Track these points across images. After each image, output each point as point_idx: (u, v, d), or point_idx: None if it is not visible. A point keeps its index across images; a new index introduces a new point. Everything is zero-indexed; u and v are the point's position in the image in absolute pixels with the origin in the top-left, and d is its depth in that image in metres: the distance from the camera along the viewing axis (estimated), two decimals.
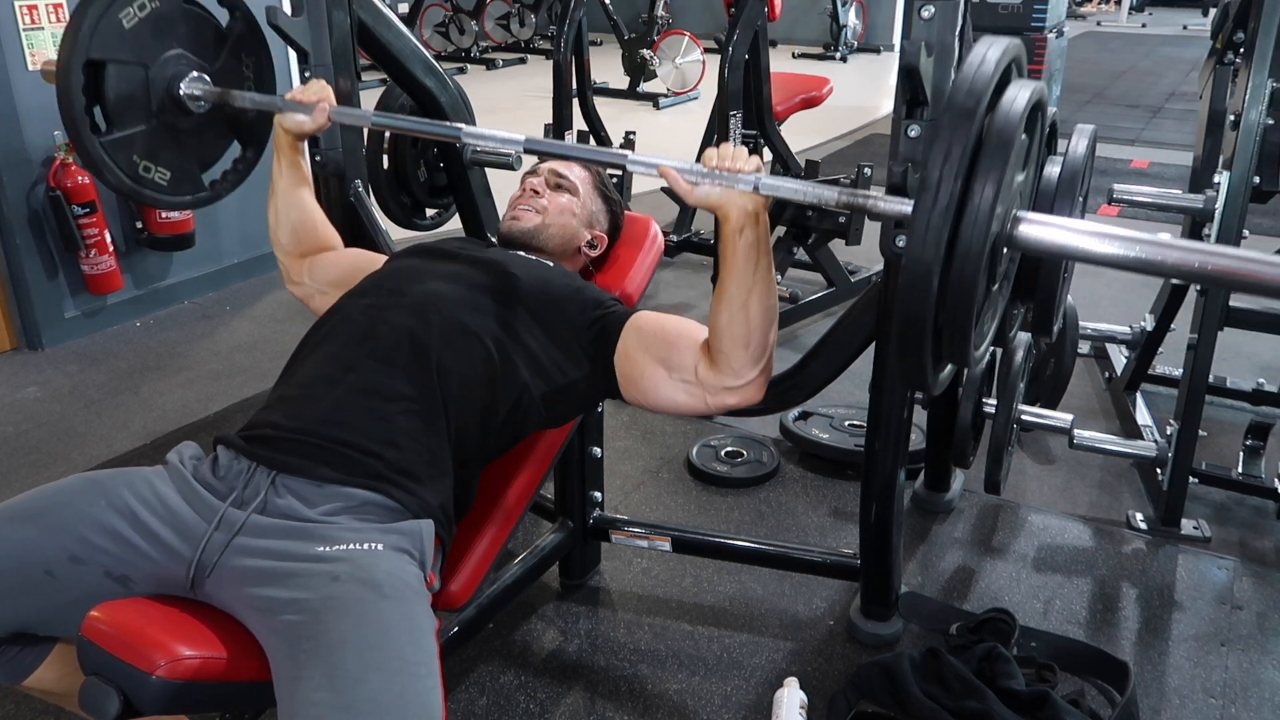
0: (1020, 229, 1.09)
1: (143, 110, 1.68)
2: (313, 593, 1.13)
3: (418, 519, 1.28)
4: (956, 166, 1.01)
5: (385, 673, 1.06)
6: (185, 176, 1.79)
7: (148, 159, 1.70)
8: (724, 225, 1.29)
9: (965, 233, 1.01)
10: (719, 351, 1.34)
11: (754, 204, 1.26)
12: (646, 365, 1.41)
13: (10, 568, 1.16)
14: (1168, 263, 1.03)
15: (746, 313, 1.30)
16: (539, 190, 1.69)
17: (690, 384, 1.37)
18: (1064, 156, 1.65)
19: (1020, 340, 2.20)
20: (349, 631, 1.09)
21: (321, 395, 1.33)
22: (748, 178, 1.24)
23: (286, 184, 1.67)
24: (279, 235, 1.70)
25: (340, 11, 1.85)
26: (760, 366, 1.34)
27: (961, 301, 1.05)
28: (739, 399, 1.36)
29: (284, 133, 1.64)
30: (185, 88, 1.70)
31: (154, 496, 1.24)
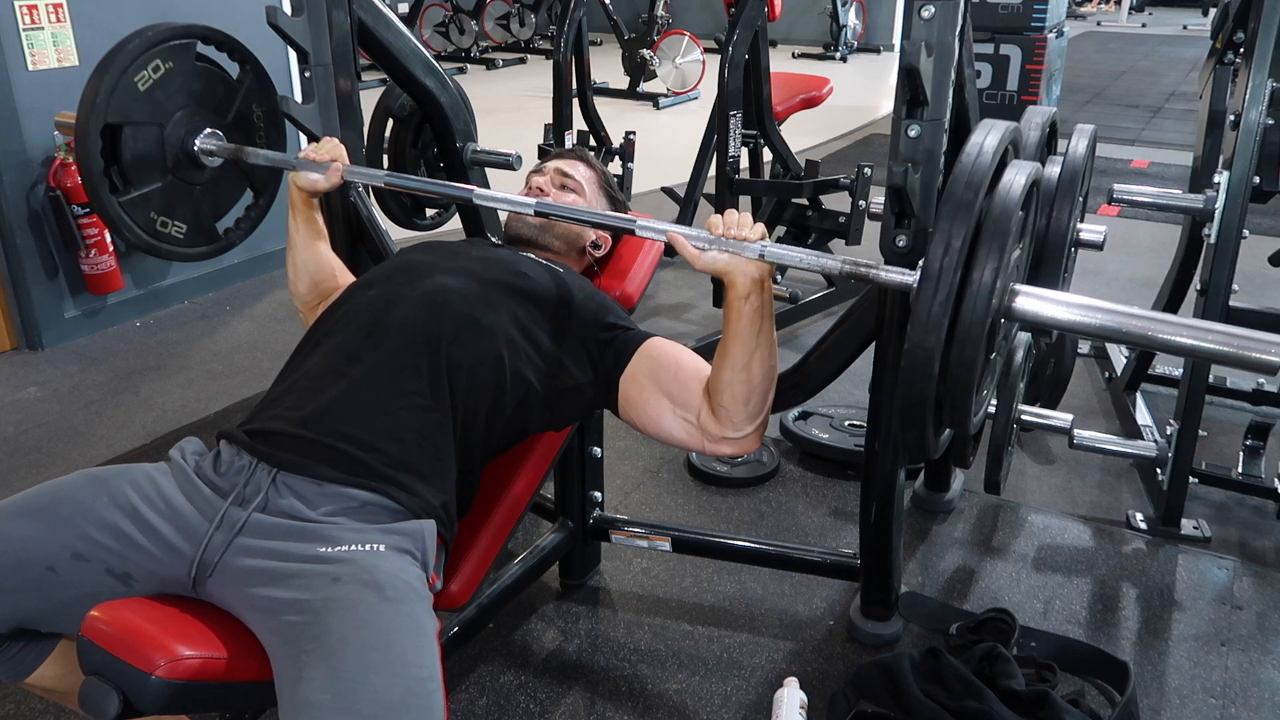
0: (1018, 302, 1.14)
1: (158, 168, 1.73)
2: (314, 594, 1.13)
3: (419, 519, 1.27)
4: (956, 257, 1.07)
5: (387, 675, 1.06)
6: (200, 229, 1.84)
7: (164, 214, 1.75)
8: (730, 291, 1.32)
9: (966, 315, 1.07)
10: (720, 406, 1.37)
11: (759, 271, 1.30)
12: (652, 395, 1.43)
13: (12, 564, 1.17)
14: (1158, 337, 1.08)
15: (748, 373, 1.34)
16: (545, 189, 1.69)
17: (691, 425, 1.41)
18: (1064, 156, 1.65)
19: (1020, 340, 2.20)
20: (350, 633, 1.08)
21: (326, 387, 1.33)
22: (753, 246, 1.28)
23: (303, 239, 1.68)
24: (299, 288, 1.71)
25: (340, 11, 1.85)
26: (758, 422, 1.39)
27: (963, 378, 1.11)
28: (735, 449, 1.41)
29: (298, 190, 1.65)
30: (200, 144, 1.75)
31: (157, 494, 1.24)
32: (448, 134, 2.14)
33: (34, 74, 3.02)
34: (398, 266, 1.53)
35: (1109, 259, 4.08)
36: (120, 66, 1.62)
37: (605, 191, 1.76)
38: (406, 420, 1.31)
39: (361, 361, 1.35)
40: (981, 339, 1.08)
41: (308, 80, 1.85)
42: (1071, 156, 1.63)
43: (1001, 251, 1.06)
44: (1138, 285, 3.89)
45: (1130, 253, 4.29)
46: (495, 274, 1.48)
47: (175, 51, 1.73)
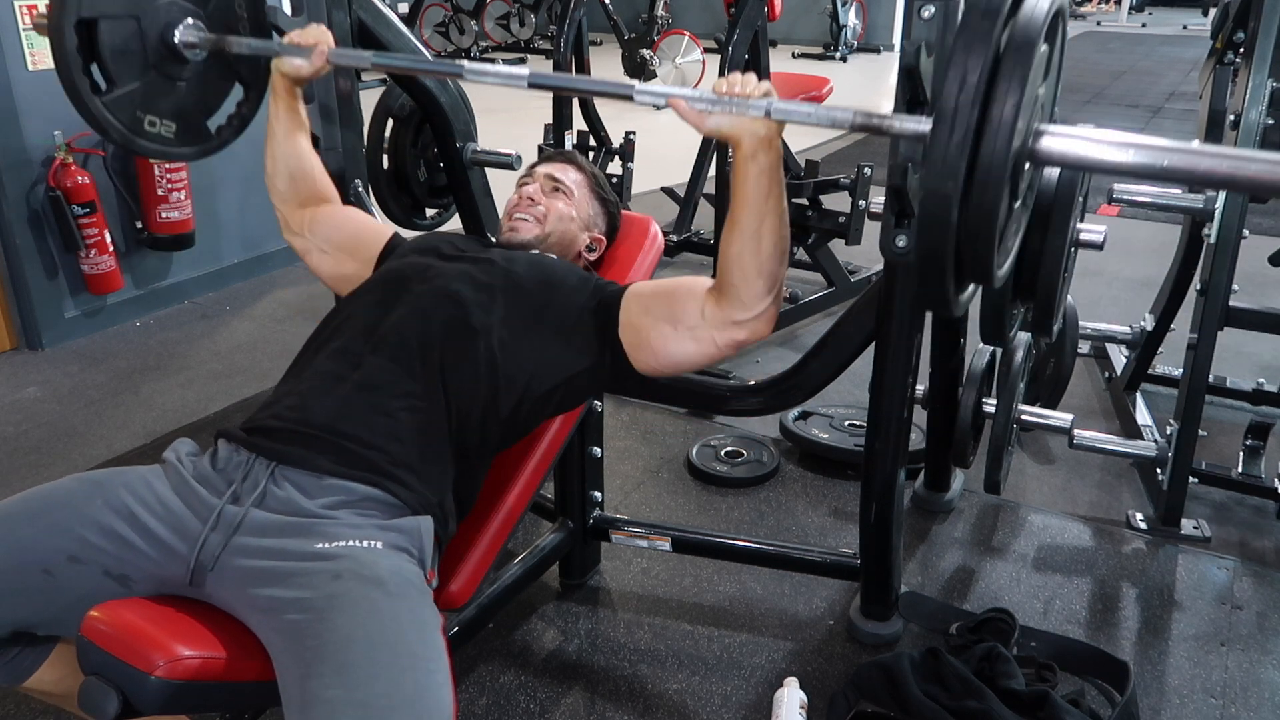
0: (1043, 142, 1.04)
1: (140, 64, 1.63)
2: (315, 591, 1.13)
3: (416, 515, 1.28)
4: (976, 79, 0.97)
5: (397, 669, 1.06)
6: (190, 127, 1.74)
7: (151, 113, 1.66)
8: (736, 153, 1.27)
9: (990, 134, 0.97)
10: (728, 285, 1.33)
11: (766, 129, 1.25)
12: (652, 327, 1.41)
13: (9, 568, 1.16)
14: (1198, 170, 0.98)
15: (758, 242, 1.30)
16: (535, 197, 1.69)
17: (697, 329, 1.37)
18: None
19: (1020, 340, 2.20)
20: (356, 629, 1.09)
21: (326, 390, 1.34)
22: (759, 103, 1.22)
23: (284, 130, 1.66)
24: (276, 182, 1.69)
25: (340, 11, 1.85)
26: (770, 299, 1.33)
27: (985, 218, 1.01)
28: (748, 333, 1.35)
29: (281, 78, 1.62)
30: (180, 36, 1.66)
31: (151, 496, 1.24)
32: (448, 134, 2.13)
33: (34, 74, 3.02)
34: (394, 271, 1.53)
35: (1109, 259, 4.08)
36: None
37: (597, 194, 1.75)
38: (404, 421, 1.32)
39: (360, 366, 1.35)
40: (1004, 182, 0.98)
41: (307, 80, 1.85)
42: None
43: (1023, 84, 0.96)
44: (1138, 285, 3.89)
45: (1130, 253, 4.28)
46: (488, 276, 1.48)
47: None
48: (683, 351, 1.39)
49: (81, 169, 3.12)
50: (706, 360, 1.40)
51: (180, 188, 3.34)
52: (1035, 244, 1.66)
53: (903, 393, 1.76)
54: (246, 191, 3.74)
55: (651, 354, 1.42)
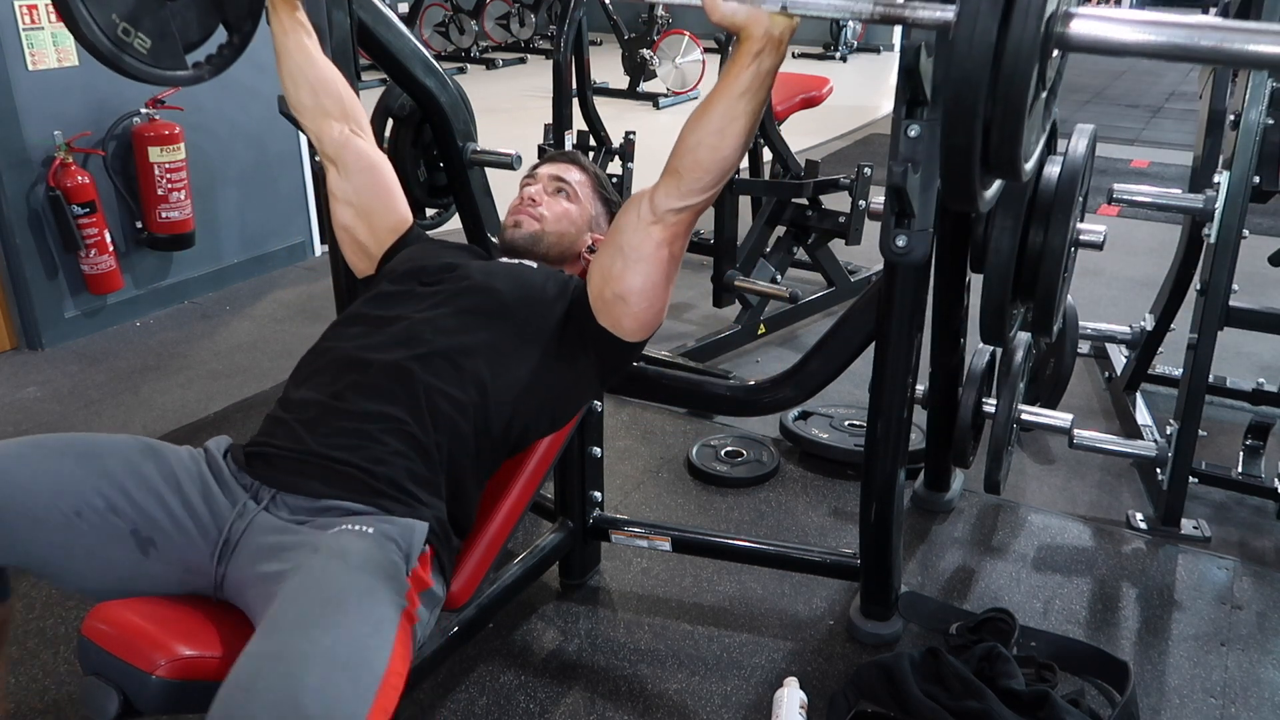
0: (1073, 26, 1.02)
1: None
2: (291, 564, 1.14)
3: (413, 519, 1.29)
4: None
5: (323, 627, 1.04)
6: (167, 48, 1.67)
7: (128, 21, 1.60)
8: (742, 45, 1.26)
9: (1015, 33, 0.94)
10: (674, 170, 1.34)
11: (779, 27, 1.23)
12: (609, 273, 1.43)
13: (44, 498, 1.16)
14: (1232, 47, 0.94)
15: (721, 137, 1.30)
16: (537, 198, 1.68)
17: (638, 240, 1.39)
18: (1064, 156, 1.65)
19: (1020, 340, 2.21)
20: (299, 592, 1.08)
21: (314, 419, 1.34)
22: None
23: (292, 42, 1.61)
24: (300, 97, 1.63)
25: (340, 11, 1.85)
26: (706, 196, 1.36)
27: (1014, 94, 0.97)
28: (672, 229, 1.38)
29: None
30: None
31: (197, 474, 1.27)
32: (448, 134, 2.13)
33: (34, 74, 3.02)
34: (377, 301, 1.52)
35: (1109, 259, 4.08)
36: None
37: (600, 195, 1.75)
38: (393, 448, 1.31)
39: (346, 399, 1.35)
40: (1035, 52, 0.95)
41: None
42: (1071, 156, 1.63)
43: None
44: (1138, 285, 3.89)
45: (1130, 253, 4.29)
46: (469, 300, 1.48)
47: None
48: (638, 276, 1.41)
49: (81, 169, 3.12)
50: (660, 272, 1.42)
51: (180, 187, 3.34)
52: (1035, 244, 1.66)
53: (903, 393, 1.76)
54: (246, 191, 3.73)
55: (621, 301, 1.43)
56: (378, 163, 1.67)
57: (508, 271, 1.56)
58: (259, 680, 0.97)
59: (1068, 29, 1.01)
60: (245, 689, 0.97)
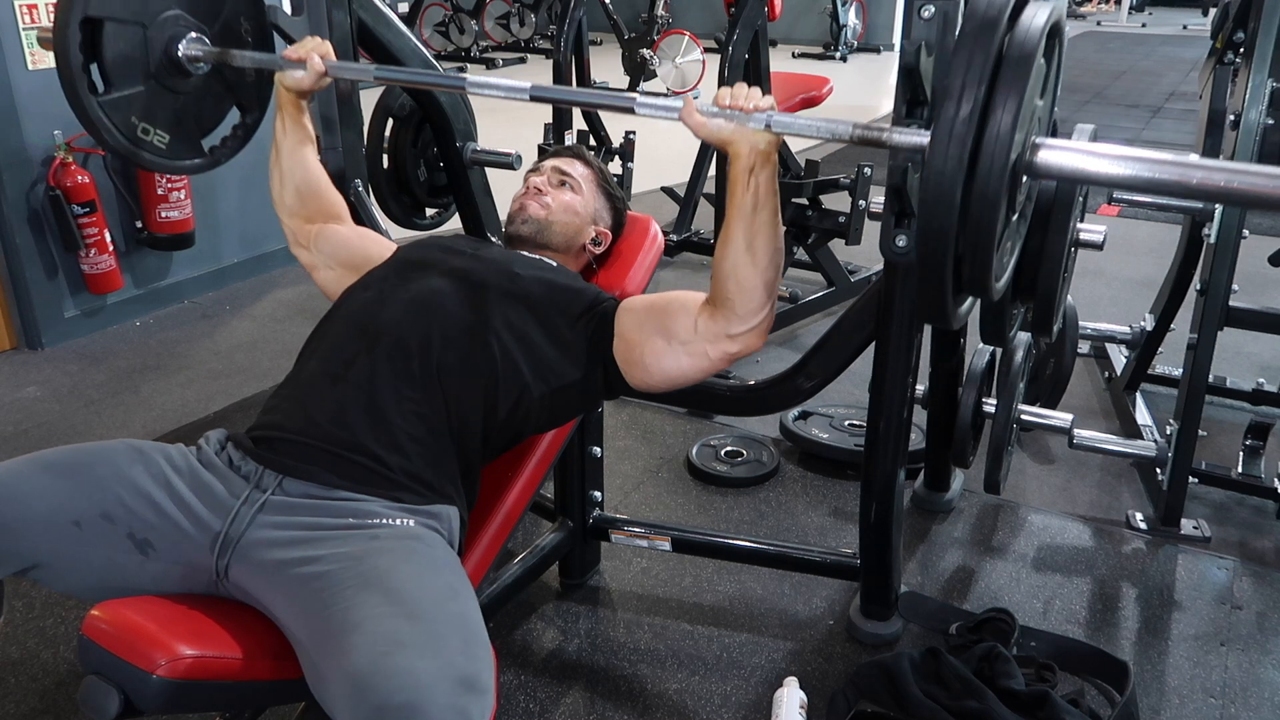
0: (1040, 155, 1.06)
1: (141, 71, 1.64)
2: (353, 546, 1.18)
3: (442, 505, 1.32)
4: (978, 79, 0.98)
5: (438, 593, 1.12)
6: (184, 140, 1.75)
7: (146, 121, 1.66)
8: (734, 163, 1.28)
9: (987, 149, 0.98)
10: (722, 298, 1.33)
11: (765, 142, 1.25)
12: (645, 342, 1.41)
13: (42, 513, 1.19)
14: (1191, 183, 0.99)
15: (752, 255, 1.30)
16: (542, 188, 1.69)
17: (691, 343, 1.37)
18: None
19: (1020, 340, 2.20)
20: (399, 564, 1.14)
21: (324, 393, 1.34)
22: (759, 115, 1.23)
23: (290, 143, 1.65)
24: (284, 196, 1.67)
25: (340, 11, 1.85)
26: (764, 312, 1.34)
27: (984, 224, 1.01)
28: (741, 346, 1.36)
29: (285, 91, 1.62)
30: (184, 48, 1.67)
31: (188, 470, 1.28)
32: (448, 134, 2.14)
33: (34, 74, 3.02)
34: (393, 267, 1.54)
35: (1109, 259, 4.08)
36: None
37: (604, 189, 1.76)
38: (403, 428, 1.32)
39: (355, 365, 1.35)
40: (1001, 194, 0.99)
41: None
42: None
43: (1021, 97, 0.98)
44: (1138, 285, 3.89)
45: (1130, 253, 4.29)
46: (486, 275, 1.48)
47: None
48: (676, 366, 1.39)
49: (81, 168, 3.12)
50: (699, 374, 1.41)
51: (180, 187, 3.34)
52: (1035, 244, 1.66)
53: (903, 393, 1.76)
54: (246, 191, 3.73)
55: (644, 369, 1.42)
56: (348, 229, 1.70)
57: (526, 260, 1.57)
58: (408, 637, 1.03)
59: (1035, 158, 1.06)
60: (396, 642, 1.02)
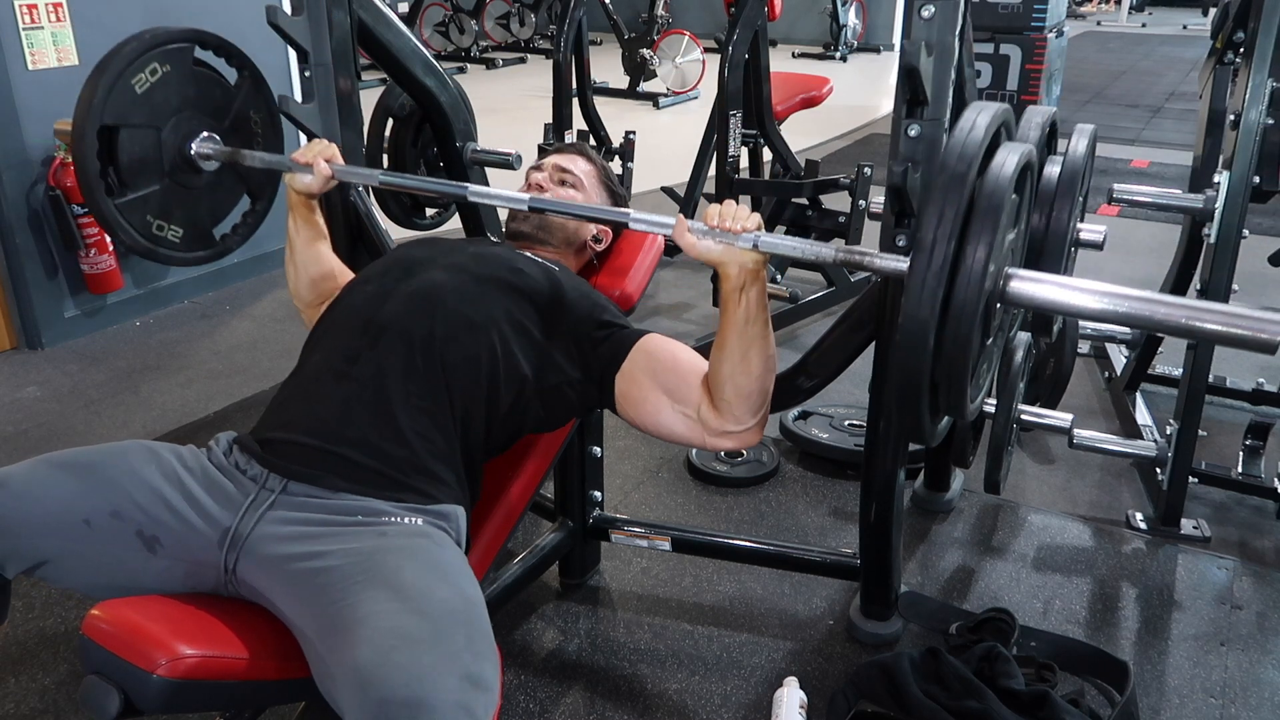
0: (1012, 285, 1.14)
1: (155, 171, 1.73)
2: (362, 543, 1.18)
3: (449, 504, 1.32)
4: (949, 230, 1.07)
5: (447, 589, 1.13)
6: (197, 234, 1.85)
7: (161, 218, 1.76)
8: (724, 282, 1.32)
9: (959, 292, 1.07)
10: (721, 399, 1.36)
11: (754, 261, 1.29)
12: (650, 391, 1.42)
13: (54, 512, 1.19)
14: (1155, 318, 1.09)
15: (747, 364, 1.34)
16: (544, 186, 1.69)
17: (691, 420, 1.40)
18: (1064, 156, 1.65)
19: (1020, 340, 2.20)
20: (406, 562, 1.15)
21: (329, 390, 1.34)
22: (747, 236, 1.27)
23: (303, 241, 1.67)
24: (299, 289, 1.70)
25: (340, 11, 1.85)
26: (760, 415, 1.39)
27: (957, 358, 1.11)
28: (736, 442, 1.40)
29: (294, 192, 1.65)
30: (196, 148, 1.75)
31: (199, 468, 1.29)
32: (448, 134, 2.14)
33: (34, 74, 3.02)
34: (394, 261, 1.54)
35: (1109, 259, 4.08)
36: (117, 69, 1.63)
37: (605, 185, 1.76)
38: (407, 423, 1.32)
39: (359, 361, 1.36)
40: (976, 319, 1.08)
41: (308, 80, 1.85)
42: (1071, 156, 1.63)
43: (994, 229, 1.06)
44: (1137, 285, 3.88)
45: (1130, 253, 4.29)
46: (489, 269, 1.49)
47: (173, 55, 1.73)
48: (671, 429, 1.42)
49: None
50: (689, 445, 1.48)
51: None
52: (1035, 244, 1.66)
53: None
54: None
55: (638, 414, 1.44)
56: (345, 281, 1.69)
57: (530, 260, 1.56)
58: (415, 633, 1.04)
59: (1008, 288, 1.14)
60: (403, 638, 1.03)
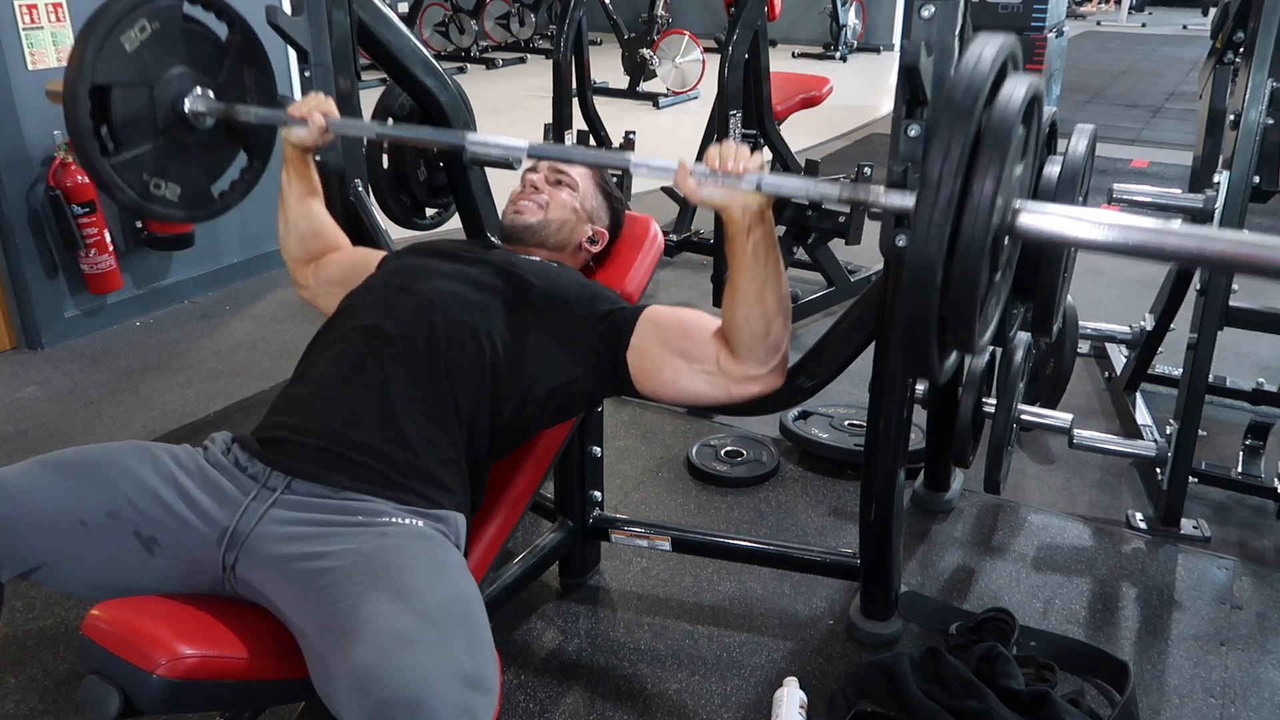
0: (1021, 219, 1.11)
1: (149, 129, 1.70)
2: (363, 543, 1.18)
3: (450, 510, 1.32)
4: (956, 162, 1.04)
5: (445, 588, 1.13)
6: (195, 191, 1.81)
7: (157, 176, 1.72)
8: (729, 225, 1.30)
9: (967, 226, 1.03)
10: (739, 345, 1.36)
11: (757, 203, 1.28)
12: (665, 359, 1.42)
13: (49, 513, 1.19)
14: (1167, 248, 1.05)
15: (762, 306, 1.33)
16: (539, 186, 1.69)
17: (712, 374, 1.39)
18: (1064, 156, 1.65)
19: (1020, 340, 2.20)
20: (408, 562, 1.15)
21: (334, 396, 1.34)
22: (750, 178, 1.25)
23: (295, 195, 1.69)
24: (288, 244, 1.72)
25: (340, 11, 1.85)
26: (780, 354, 1.37)
27: (965, 293, 1.07)
28: (762, 387, 1.38)
29: (289, 146, 1.65)
30: (190, 105, 1.73)
31: (195, 468, 1.29)
32: None
33: (34, 74, 3.02)
34: (396, 270, 1.54)
35: (1109, 258, 4.08)
36: (106, 27, 1.59)
37: (602, 189, 1.76)
38: (412, 428, 1.32)
39: (366, 368, 1.36)
40: (984, 250, 1.05)
41: (308, 80, 1.85)
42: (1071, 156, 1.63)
43: (1003, 159, 1.03)
44: (1137, 285, 3.89)
45: None
46: (490, 277, 1.49)
47: (161, 11, 1.68)
48: (694, 390, 1.41)
49: (81, 168, 3.12)
50: (715, 402, 1.44)
51: None
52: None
53: (903, 393, 1.76)
54: None
55: (659, 385, 1.44)
56: (342, 254, 1.73)
57: (529, 262, 1.57)
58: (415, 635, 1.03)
59: (1016, 222, 1.11)
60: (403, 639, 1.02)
